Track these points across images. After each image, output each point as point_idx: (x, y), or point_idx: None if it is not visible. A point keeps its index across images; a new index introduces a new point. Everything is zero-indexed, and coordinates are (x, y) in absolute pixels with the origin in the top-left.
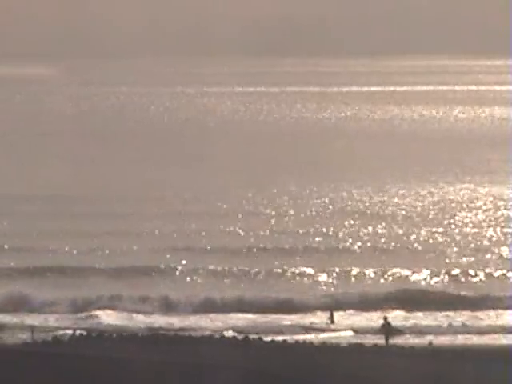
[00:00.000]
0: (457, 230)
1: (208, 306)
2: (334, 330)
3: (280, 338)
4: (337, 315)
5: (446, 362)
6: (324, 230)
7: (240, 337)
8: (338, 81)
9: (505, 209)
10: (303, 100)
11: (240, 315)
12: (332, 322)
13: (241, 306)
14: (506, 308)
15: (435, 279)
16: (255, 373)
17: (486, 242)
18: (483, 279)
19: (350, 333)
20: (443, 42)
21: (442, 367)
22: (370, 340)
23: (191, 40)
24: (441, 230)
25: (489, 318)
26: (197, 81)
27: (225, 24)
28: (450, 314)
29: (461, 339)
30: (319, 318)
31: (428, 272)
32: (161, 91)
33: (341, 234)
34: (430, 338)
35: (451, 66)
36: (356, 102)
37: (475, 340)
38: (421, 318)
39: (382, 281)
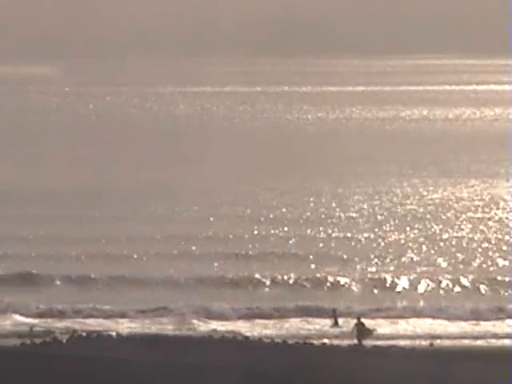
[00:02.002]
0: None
1: (209, 314)
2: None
3: (280, 339)
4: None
5: (447, 363)
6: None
7: (240, 338)
8: (340, 80)
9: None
10: (304, 99)
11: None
12: (336, 324)
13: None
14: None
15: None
16: (255, 374)
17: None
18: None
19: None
20: (443, 41)
21: (443, 369)
22: (371, 342)
23: (191, 39)
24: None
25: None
26: (197, 80)
27: (225, 23)
28: None
29: (462, 341)
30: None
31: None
32: (160, 91)
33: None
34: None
35: (451, 65)
36: (357, 102)
37: (476, 343)
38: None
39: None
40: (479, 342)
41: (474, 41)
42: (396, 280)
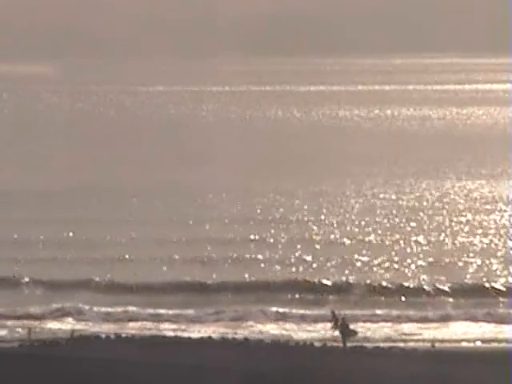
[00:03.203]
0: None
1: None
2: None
3: (281, 340)
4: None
5: (448, 364)
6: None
7: (240, 339)
8: (341, 79)
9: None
10: (308, 99)
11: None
12: (337, 326)
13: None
14: None
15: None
16: (255, 375)
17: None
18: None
19: None
20: (443, 40)
21: (444, 370)
22: (372, 343)
23: (192, 38)
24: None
25: None
26: (198, 79)
27: (225, 22)
28: None
29: (464, 343)
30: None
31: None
32: (161, 90)
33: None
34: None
35: (455, 63)
36: (361, 101)
37: (478, 344)
38: None
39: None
40: (481, 345)
41: (477, 39)
42: (406, 283)
